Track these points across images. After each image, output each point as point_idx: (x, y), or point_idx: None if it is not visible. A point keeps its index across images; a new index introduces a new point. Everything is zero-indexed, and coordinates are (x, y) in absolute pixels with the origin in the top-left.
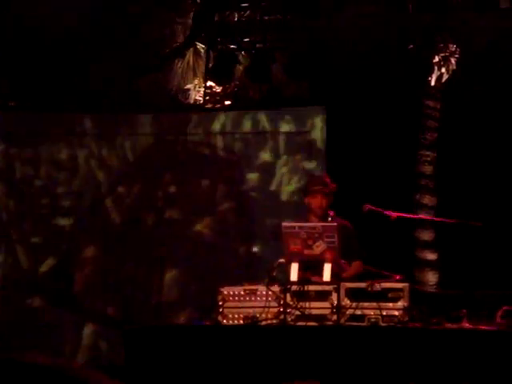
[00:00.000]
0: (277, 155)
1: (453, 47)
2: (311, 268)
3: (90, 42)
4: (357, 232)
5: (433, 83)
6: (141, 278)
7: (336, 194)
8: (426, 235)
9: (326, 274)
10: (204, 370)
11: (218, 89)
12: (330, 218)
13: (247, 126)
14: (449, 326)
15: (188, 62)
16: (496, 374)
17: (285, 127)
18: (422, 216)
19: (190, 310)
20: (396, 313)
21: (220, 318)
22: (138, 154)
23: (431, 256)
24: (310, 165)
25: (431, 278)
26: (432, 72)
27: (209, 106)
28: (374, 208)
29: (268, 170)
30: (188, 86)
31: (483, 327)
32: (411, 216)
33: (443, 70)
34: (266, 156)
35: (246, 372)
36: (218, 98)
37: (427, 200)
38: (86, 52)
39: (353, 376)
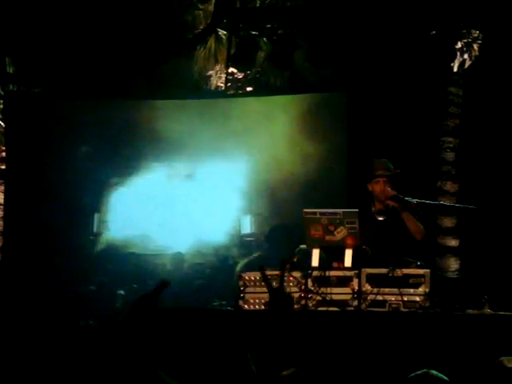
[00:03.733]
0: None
1: (475, 33)
2: (332, 254)
3: (112, 29)
4: (419, 211)
5: (455, 69)
6: None
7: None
8: (448, 221)
9: (347, 260)
10: (224, 355)
11: (240, 75)
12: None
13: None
14: (470, 311)
15: (210, 49)
16: None
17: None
18: (443, 202)
19: None
20: (417, 298)
21: (241, 302)
22: None
23: (453, 242)
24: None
25: (453, 264)
26: (454, 58)
27: (230, 92)
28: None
29: None
30: (210, 73)
31: (504, 313)
32: (433, 202)
33: (466, 56)
34: None
35: (266, 357)
36: (239, 84)
37: (449, 186)
38: (108, 39)
39: (374, 361)
